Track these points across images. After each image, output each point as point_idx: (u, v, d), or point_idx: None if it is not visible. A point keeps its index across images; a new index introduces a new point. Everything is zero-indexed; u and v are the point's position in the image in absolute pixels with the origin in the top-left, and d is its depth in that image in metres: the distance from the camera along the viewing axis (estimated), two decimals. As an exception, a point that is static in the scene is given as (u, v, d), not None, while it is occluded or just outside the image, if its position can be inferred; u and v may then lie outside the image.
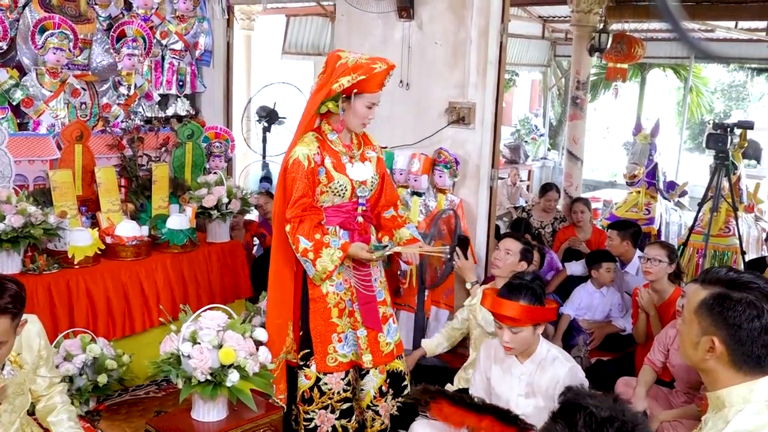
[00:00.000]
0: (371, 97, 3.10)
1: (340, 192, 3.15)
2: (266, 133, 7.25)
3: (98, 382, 3.53)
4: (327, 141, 3.17)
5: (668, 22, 1.07)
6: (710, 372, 1.75)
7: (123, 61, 4.70)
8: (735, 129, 5.05)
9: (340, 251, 3.07)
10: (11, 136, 4.03)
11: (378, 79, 3.07)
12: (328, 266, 3.08)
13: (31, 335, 2.56)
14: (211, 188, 4.42)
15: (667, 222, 6.81)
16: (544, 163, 13.12)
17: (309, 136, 3.15)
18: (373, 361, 3.28)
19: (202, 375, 2.91)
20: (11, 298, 2.22)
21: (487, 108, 4.57)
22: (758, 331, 1.67)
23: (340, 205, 3.19)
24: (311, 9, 8.74)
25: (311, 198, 3.12)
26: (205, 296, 4.27)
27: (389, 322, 3.35)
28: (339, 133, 3.19)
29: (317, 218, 3.14)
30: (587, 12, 7.97)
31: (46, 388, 2.69)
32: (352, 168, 3.19)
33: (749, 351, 1.68)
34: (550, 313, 2.94)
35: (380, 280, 3.36)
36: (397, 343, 3.38)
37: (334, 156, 3.15)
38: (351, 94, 3.07)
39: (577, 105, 8.28)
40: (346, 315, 3.24)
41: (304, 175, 3.07)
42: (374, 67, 3.03)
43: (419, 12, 4.74)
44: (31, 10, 4.38)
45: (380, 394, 3.33)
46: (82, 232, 3.83)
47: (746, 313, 1.67)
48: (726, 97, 16.68)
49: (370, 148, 3.33)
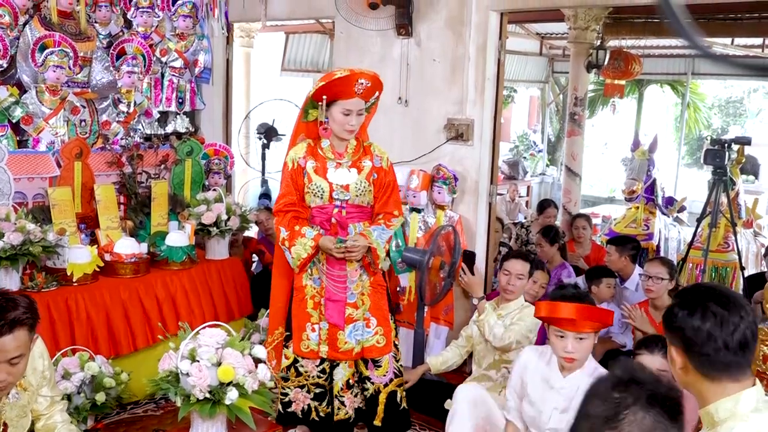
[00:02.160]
0: (345, 103, 3.24)
1: (318, 193, 3.35)
2: (265, 150, 7.26)
3: (96, 400, 3.52)
4: (318, 147, 3.39)
5: (670, 19, 1.08)
6: (693, 387, 1.80)
7: (123, 79, 4.72)
8: (733, 145, 5.06)
9: (312, 241, 3.28)
10: (11, 153, 4.04)
11: (344, 86, 3.20)
12: (301, 253, 3.29)
13: (35, 356, 2.56)
14: (210, 205, 4.42)
15: (666, 237, 6.80)
16: (542, 179, 13.13)
17: (301, 142, 3.43)
18: (328, 353, 3.41)
19: (201, 393, 2.89)
20: (26, 309, 2.26)
21: (486, 124, 4.58)
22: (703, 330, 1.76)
23: (321, 206, 3.38)
24: (310, 26, 8.78)
25: (294, 197, 3.37)
26: (204, 313, 4.26)
27: (357, 325, 3.42)
28: (328, 139, 3.36)
29: (301, 215, 3.38)
30: (584, 29, 8.01)
31: (47, 407, 2.68)
32: (335, 172, 3.35)
33: (701, 351, 1.75)
34: (607, 316, 2.83)
35: (360, 285, 3.43)
36: (369, 346, 3.44)
37: (320, 161, 3.36)
38: (330, 102, 3.25)
39: (575, 121, 8.30)
40: (318, 308, 3.43)
41: (288, 176, 3.37)
42: (334, 73, 3.21)
43: (417, 29, 4.77)
44: (31, 28, 4.41)
45: (347, 386, 3.47)
46: (81, 250, 3.83)
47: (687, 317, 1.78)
48: (723, 113, 16.74)
49: (368, 158, 3.43)
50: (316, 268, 3.40)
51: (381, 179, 3.44)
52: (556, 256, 5.37)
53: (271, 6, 5.55)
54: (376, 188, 3.44)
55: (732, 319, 1.75)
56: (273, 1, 5.53)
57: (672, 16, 1.07)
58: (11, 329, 2.22)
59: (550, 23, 10.22)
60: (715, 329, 1.75)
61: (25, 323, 2.25)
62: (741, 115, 16.75)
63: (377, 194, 3.45)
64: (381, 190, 3.45)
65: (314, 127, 3.40)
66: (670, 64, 11.75)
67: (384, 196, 3.46)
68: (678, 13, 1.07)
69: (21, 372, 2.33)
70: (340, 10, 4.95)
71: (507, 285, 3.75)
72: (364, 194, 3.40)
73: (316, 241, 3.28)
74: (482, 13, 4.50)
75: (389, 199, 3.47)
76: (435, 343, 4.64)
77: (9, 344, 2.22)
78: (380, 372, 3.48)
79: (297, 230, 3.31)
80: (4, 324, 2.20)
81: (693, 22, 1.09)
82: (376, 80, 3.29)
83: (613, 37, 8.72)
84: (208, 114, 5.79)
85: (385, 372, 3.49)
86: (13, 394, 2.46)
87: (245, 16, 5.83)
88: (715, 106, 16.02)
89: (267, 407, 3.11)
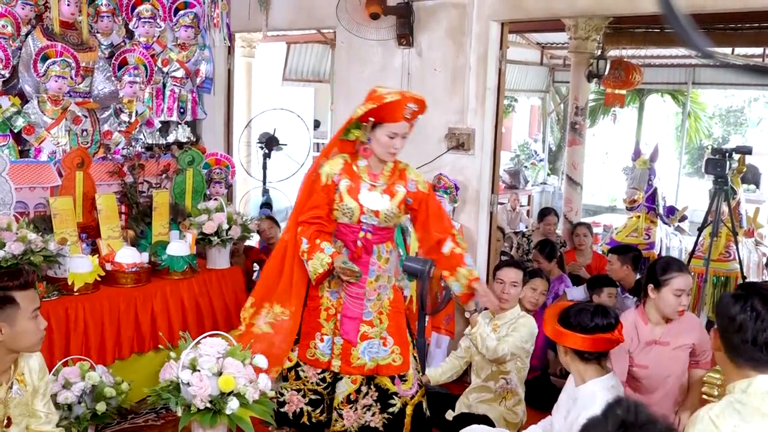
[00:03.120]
0: (392, 127, 3.17)
1: (348, 214, 3.30)
2: (266, 160, 7.27)
3: (97, 410, 3.50)
4: (354, 165, 3.32)
5: (673, 23, 1.08)
6: (722, 365, 2.13)
7: (124, 89, 4.74)
8: (733, 154, 5.07)
9: (329, 257, 3.20)
10: (12, 163, 4.04)
11: (393, 110, 3.13)
12: (317, 268, 3.22)
13: (33, 359, 2.65)
14: (211, 214, 4.42)
15: (668, 247, 6.80)
16: (543, 188, 13.13)
17: (338, 157, 3.35)
18: (341, 367, 3.39)
19: (202, 402, 2.89)
20: (29, 275, 2.52)
21: (487, 133, 4.59)
22: (737, 320, 1.95)
23: (348, 224, 3.33)
24: (311, 36, 8.82)
25: (324, 210, 3.30)
26: (205, 323, 4.26)
27: (372, 342, 3.38)
28: (367, 159, 3.30)
29: (325, 228, 3.31)
30: (585, 39, 8.04)
31: (40, 424, 2.69)
32: (367, 195, 3.28)
33: (731, 339, 1.97)
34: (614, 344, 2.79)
35: (378, 304, 3.40)
36: (384, 365, 3.41)
37: (354, 180, 3.29)
38: (375, 124, 3.18)
39: (576, 130, 8.31)
40: (332, 321, 3.40)
41: (320, 189, 3.29)
42: (384, 97, 3.12)
43: (418, 39, 4.79)
44: (33, 38, 4.43)
45: (347, 401, 3.43)
46: (82, 259, 3.83)
47: (730, 304, 1.98)
48: (724, 122, 16.76)
49: (402, 183, 3.35)
50: (335, 281, 3.36)
51: (423, 204, 3.36)
52: (555, 269, 5.38)
53: (272, 16, 5.57)
54: (421, 214, 3.37)
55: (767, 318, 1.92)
56: (274, 11, 5.56)
57: (675, 21, 1.08)
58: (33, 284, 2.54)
59: (550, 33, 10.25)
60: (749, 322, 1.92)
61: (32, 285, 2.54)
62: (742, 125, 16.78)
63: (427, 220, 3.36)
64: (432, 216, 3.36)
65: (350, 144, 3.34)
66: (671, 73, 11.78)
67: (434, 219, 3.37)
68: (682, 18, 1.08)
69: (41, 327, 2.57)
70: (341, 20, 4.97)
71: (502, 294, 3.75)
72: (392, 219, 3.36)
73: (332, 258, 3.21)
74: (483, 23, 4.52)
75: (444, 222, 3.41)
76: (436, 352, 4.63)
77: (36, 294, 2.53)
78: (407, 385, 3.45)
79: (317, 244, 3.24)
80: (28, 279, 2.48)
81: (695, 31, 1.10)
82: (423, 104, 3.23)
83: (613, 46, 8.75)
84: (209, 124, 5.80)
85: (410, 385, 3.46)
86: (16, 390, 2.54)
87: (247, 27, 5.85)
88: (716, 115, 16.04)
89: (268, 417, 3.10)
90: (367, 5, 4.70)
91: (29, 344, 2.53)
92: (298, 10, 5.46)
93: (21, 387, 2.56)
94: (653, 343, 3.31)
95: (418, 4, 4.74)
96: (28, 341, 2.51)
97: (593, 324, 2.69)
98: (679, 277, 3.25)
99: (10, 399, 2.50)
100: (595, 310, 2.74)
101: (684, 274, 3.28)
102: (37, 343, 2.56)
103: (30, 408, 2.62)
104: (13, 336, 2.45)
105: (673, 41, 8.20)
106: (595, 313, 2.72)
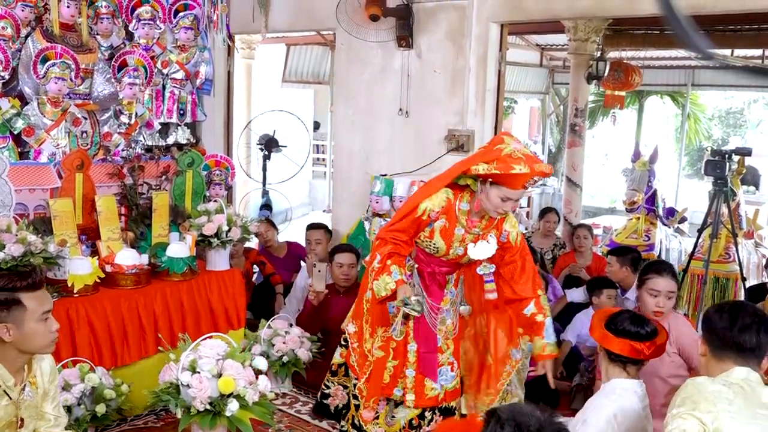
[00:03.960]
0: (508, 192, 2.97)
1: (433, 250, 3.20)
2: (266, 161, 7.27)
3: (96, 412, 3.50)
4: (456, 206, 3.14)
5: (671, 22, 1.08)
6: (708, 372, 2.34)
7: (124, 90, 4.73)
8: (733, 155, 5.07)
9: (394, 283, 3.05)
10: (12, 164, 4.04)
11: (517, 180, 2.94)
12: (380, 291, 3.09)
13: (46, 361, 2.66)
14: (211, 216, 4.42)
15: (667, 248, 6.80)
16: (543, 190, 13.14)
17: (442, 195, 3.14)
18: (415, 401, 3.29)
19: (202, 404, 2.89)
20: (41, 274, 2.55)
21: (486, 135, 4.59)
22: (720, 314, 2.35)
23: (431, 255, 3.24)
24: (311, 38, 8.82)
25: (407, 236, 3.16)
26: (204, 324, 4.25)
27: (443, 370, 3.32)
28: (470, 204, 3.14)
29: (402, 251, 3.16)
30: (585, 40, 8.04)
31: (49, 427, 2.68)
32: (465, 242, 3.16)
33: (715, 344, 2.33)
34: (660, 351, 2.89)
35: (443, 330, 3.33)
36: (451, 390, 3.34)
37: (451, 222, 3.14)
38: (492, 182, 2.99)
39: (576, 132, 8.31)
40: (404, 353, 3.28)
41: (413, 220, 3.13)
42: (513, 167, 2.88)
43: (418, 41, 4.79)
44: (33, 40, 4.42)
45: (410, 426, 3.35)
46: (81, 261, 3.82)
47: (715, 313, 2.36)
48: (724, 124, 16.78)
49: (495, 233, 3.19)
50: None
51: (511, 257, 3.21)
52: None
53: (272, 18, 5.58)
54: (512, 267, 3.21)
55: (745, 321, 2.28)
56: (274, 13, 5.56)
57: (675, 22, 1.08)
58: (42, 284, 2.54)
59: (550, 35, 10.26)
60: (732, 312, 2.30)
61: (43, 283, 2.57)
62: (741, 126, 16.80)
63: (516, 277, 3.21)
64: (522, 274, 3.21)
65: (458, 186, 3.17)
66: (670, 75, 11.79)
67: (526, 280, 3.21)
68: (682, 19, 1.08)
69: (53, 326, 2.57)
70: (341, 22, 4.97)
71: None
72: (492, 271, 3.23)
73: (396, 285, 3.05)
74: (482, 25, 4.52)
75: (531, 279, 3.23)
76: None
77: (47, 295, 2.55)
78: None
79: (387, 265, 3.09)
80: (36, 279, 2.48)
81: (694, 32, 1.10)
82: (546, 175, 3.04)
83: (613, 48, 8.76)
84: (209, 125, 5.81)
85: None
86: (28, 392, 2.52)
87: (246, 28, 5.86)
88: (716, 116, 16.06)
89: (268, 418, 3.10)
90: (367, 7, 4.71)
91: (39, 346, 2.51)
92: (298, 11, 5.47)
93: (32, 389, 2.55)
94: None
95: (417, 5, 4.74)
96: (37, 343, 2.49)
97: (623, 328, 2.80)
98: (655, 279, 3.31)
99: (22, 401, 2.49)
100: (635, 317, 2.86)
101: (663, 276, 3.32)
102: (48, 345, 2.54)
103: (39, 410, 2.61)
104: (21, 338, 2.43)
105: (672, 43, 8.21)
106: (634, 319, 2.84)
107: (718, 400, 2.10)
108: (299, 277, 5.21)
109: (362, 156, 5.28)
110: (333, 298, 4.53)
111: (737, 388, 2.15)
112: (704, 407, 2.08)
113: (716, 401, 2.09)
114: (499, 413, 1.78)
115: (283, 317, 4.43)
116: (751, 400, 2.13)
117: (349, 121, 5.34)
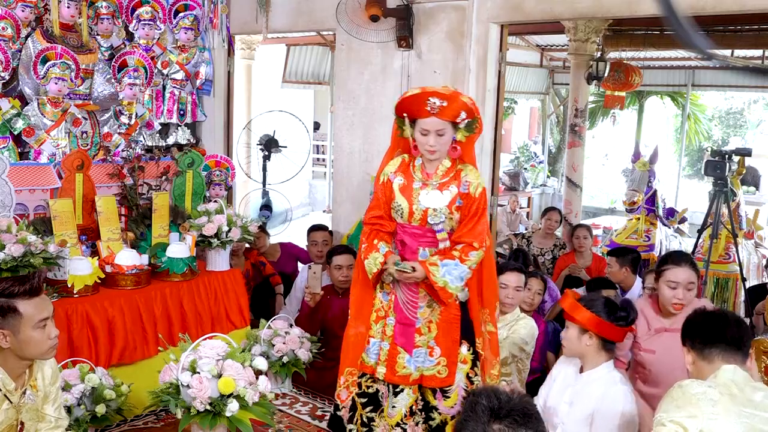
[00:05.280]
0: (421, 123, 3.11)
1: (399, 212, 3.25)
2: (266, 162, 7.28)
3: (96, 412, 3.50)
4: (411, 164, 3.27)
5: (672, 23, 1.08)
6: (698, 376, 2.38)
7: (124, 91, 4.74)
8: (733, 156, 5.08)
9: (382, 257, 3.20)
10: (12, 165, 4.04)
11: (416, 104, 3.07)
12: (371, 268, 3.22)
13: (48, 366, 2.65)
14: (211, 216, 4.42)
15: (667, 248, 6.80)
16: (543, 190, 13.16)
17: (398, 156, 3.34)
18: (385, 375, 3.32)
19: (202, 405, 2.89)
20: (40, 280, 2.49)
21: (486, 135, 4.59)
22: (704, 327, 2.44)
23: (402, 224, 3.27)
24: (311, 39, 8.83)
25: (381, 211, 3.30)
26: (204, 325, 4.25)
27: (419, 351, 3.30)
28: (422, 158, 3.23)
29: (384, 228, 3.30)
30: (585, 41, 8.05)
31: (50, 429, 2.68)
32: (420, 193, 3.20)
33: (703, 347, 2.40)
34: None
35: (427, 312, 3.30)
36: (428, 376, 3.31)
37: (408, 179, 3.25)
38: (412, 121, 3.15)
39: (576, 132, 8.32)
40: (380, 323, 3.35)
41: (379, 189, 3.31)
42: (406, 93, 3.13)
43: (418, 41, 4.79)
44: (33, 40, 4.43)
45: (410, 413, 3.35)
46: (81, 261, 3.82)
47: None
48: (724, 124, 16.78)
49: (456, 183, 3.18)
50: (388, 284, 3.31)
51: (467, 206, 3.19)
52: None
53: (272, 18, 5.58)
54: (461, 215, 3.20)
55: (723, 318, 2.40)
56: (274, 13, 5.56)
57: (675, 22, 1.08)
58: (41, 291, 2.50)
59: (550, 35, 10.28)
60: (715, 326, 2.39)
61: (43, 289, 2.53)
62: (741, 127, 16.80)
63: (461, 220, 3.20)
64: (465, 217, 3.20)
65: (408, 143, 3.26)
66: (670, 75, 11.81)
67: (466, 225, 3.19)
68: (682, 19, 1.08)
69: (52, 331, 2.54)
70: (341, 23, 4.97)
71: (505, 299, 3.75)
72: (446, 218, 3.20)
73: (385, 258, 3.18)
74: (483, 26, 4.52)
75: (472, 230, 3.17)
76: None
77: (46, 302, 2.52)
78: (448, 403, 3.31)
79: (374, 244, 3.24)
80: (34, 285, 2.45)
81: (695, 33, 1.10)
82: (453, 99, 3.03)
83: (613, 48, 8.77)
84: (209, 126, 5.81)
85: (453, 404, 3.31)
86: (29, 395, 2.52)
87: (246, 29, 5.85)
88: (716, 117, 16.07)
89: (268, 419, 3.11)
90: (367, 7, 4.71)
91: (36, 353, 2.49)
92: (298, 12, 5.47)
93: (33, 392, 2.55)
94: (662, 330, 3.32)
95: (417, 6, 4.74)
96: (34, 350, 2.47)
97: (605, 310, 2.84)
98: (673, 269, 3.23)
99: (22, 404, 2.49)
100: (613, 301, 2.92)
101: (681, 267, 3.24)
102: (46, 351, 2.52)
103: (39, 413, 2.60)
104: (18, 345, 2.41)
105: (672, 43, 8.22)
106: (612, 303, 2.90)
107: (702, 402, 2.14)
108: (299, 277, 5.20)
109: (362, 156, 5.28)
110: (332, 299, 4.53)
111: (723, 389, 2.19)
112: (687, 411, 2.13)
113: (699, 404, 2.14)
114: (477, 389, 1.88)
115: (283, 317, 4.42)
116: (737, 399, 2.17)
117: (349, 122, 5.34)
